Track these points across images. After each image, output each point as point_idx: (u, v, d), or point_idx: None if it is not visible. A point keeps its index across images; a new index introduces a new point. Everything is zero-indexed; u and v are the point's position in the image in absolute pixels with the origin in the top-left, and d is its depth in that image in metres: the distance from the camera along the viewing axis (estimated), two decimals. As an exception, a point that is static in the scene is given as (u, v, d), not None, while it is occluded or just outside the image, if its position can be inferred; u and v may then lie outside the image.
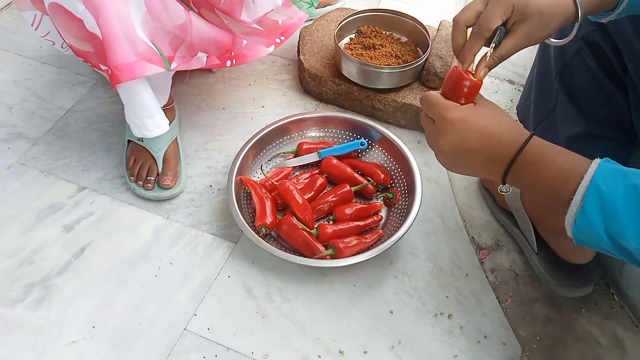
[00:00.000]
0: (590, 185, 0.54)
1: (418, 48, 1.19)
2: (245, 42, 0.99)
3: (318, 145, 1.06)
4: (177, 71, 1.19)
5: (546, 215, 0.88)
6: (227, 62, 0.97)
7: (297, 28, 1.06)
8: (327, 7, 1.37)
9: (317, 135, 1.09)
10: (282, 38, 1.05)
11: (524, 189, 0.63)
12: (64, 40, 0.87)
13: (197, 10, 0.89)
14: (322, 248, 0.90)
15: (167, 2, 0.83)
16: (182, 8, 0.84)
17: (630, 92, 0.75)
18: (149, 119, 0.92)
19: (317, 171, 1.04)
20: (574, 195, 0.55)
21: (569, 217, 0.56)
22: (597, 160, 0.56)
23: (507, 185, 0.63)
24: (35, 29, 0.92)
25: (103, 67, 0.84)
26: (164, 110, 1.04)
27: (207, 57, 0.94)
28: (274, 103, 1.20)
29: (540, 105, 0.89)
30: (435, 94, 0.64)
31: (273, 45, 1.04)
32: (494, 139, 0.60)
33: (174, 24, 0.85)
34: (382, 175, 1.00)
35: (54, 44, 0.96)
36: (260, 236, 0.90)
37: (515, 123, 0.62)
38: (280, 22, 1.01)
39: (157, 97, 0.98)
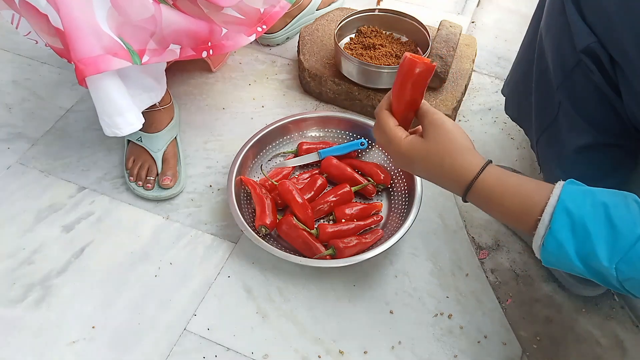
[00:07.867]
0: (558, 204, 0.53)
1: (418, 48, 1.19)
2: (225, 31, 0.96)
3: (318, 145, 1.06)
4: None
5: None
6: (202, 53, 0.94)
7: (278, 17, 1.03)
8: (327, 7, 1.37)
9: (317, 135, 1.09)
10: (264, 27, 1.02)
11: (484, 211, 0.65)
12: (40, 38, 0.85)
13: (170, 2, 0.87)
14: (322, 248, 0.90)
15: None
16: (150, 0, 0.81)
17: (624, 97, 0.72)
18: (119, 117, 0.87)
19: (317, 171, 1.04)
20: (540, 216, 0.54)
21: (537, 239, 0.55)
22: (561, 182, 0.56)
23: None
24: (16, 28, 0.90)
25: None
26: (162, 109, 1.05)
27: (180, 49, 0.91)
28: (274, 103, 1.20)
29: (540, 116, 0.85)
30: (386, 115, 0.66)
31: (254, 34, 1.01)
32: (442, 176, 0.64)
33: (141, 17, 0.82)
34: (382, 175, 1.00)
35: (37, 42, 0.94)
36: (260, 236, 0.90)
37: (458, 164, 0.62)
38: (262, 10, 1.00)
39: (151, 91, 0.96)
